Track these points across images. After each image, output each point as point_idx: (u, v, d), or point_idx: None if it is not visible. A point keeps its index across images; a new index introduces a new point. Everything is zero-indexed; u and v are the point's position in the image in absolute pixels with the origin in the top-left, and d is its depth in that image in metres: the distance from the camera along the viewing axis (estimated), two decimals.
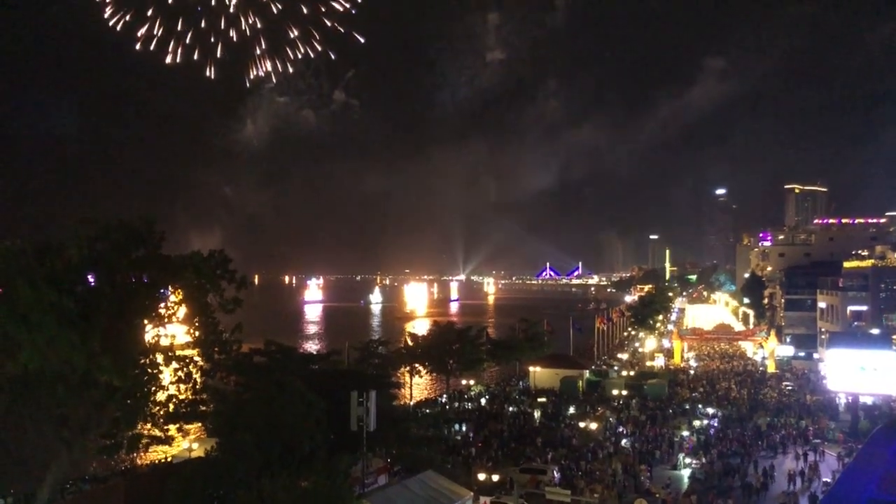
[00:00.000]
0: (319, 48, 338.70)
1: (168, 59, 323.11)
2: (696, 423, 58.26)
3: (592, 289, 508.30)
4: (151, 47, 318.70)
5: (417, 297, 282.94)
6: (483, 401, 72.24)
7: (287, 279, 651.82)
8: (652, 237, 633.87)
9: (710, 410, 63.09)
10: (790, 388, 76.66)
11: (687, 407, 65.24)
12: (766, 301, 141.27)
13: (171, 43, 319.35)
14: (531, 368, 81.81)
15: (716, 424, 57.90)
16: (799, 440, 52.71)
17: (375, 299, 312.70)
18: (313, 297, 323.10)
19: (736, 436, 53.34)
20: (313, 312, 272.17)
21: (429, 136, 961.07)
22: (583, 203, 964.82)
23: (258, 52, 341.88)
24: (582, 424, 56.37)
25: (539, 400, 68.72)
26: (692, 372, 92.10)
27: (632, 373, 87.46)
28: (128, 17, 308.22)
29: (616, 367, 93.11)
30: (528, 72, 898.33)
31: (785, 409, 64.26)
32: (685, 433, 54.50)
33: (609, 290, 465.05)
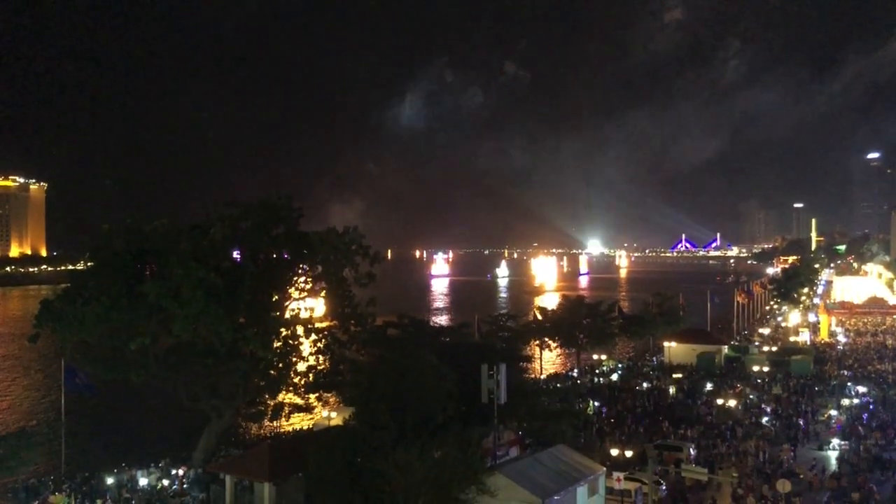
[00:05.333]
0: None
1: None
2: (845, 401, 54.96)
3: (732, 261, 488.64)
4: None
5: (546, 271, 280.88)
6: (615, 376, 71.17)
7: (418, 253, 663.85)
8: (796, 206, 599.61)
9: (861, 389, 59.25)
10: None
11: (834, 384, 61.65)
12: None
13: None
14: (666, 344, 79.81)
15: (869, 406, 54.21)
16: None
17: (502, 273, 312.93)
18: (440, 272, 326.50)
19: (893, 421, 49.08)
20: (440, 286, 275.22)
21: (593, 106, 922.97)
22: (725, 173, 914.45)
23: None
24: (720, 401, 54.40)
25: (674, 376, 66.96)
26: (840, 348, 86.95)
27: (774, 348, 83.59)
28: None
29: (757, 343, 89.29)
30: (707, 32, 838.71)
31: None
32: (833, 412, 51.55)
33: (749, 262, 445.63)
